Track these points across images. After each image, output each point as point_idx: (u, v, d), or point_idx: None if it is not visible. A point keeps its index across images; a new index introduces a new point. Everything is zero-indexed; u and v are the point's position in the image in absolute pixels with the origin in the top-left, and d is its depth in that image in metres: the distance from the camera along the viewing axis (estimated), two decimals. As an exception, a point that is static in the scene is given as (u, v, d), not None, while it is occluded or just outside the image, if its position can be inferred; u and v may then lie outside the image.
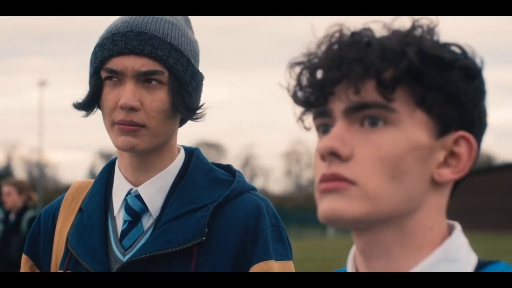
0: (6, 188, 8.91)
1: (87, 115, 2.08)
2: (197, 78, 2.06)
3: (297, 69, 1.25)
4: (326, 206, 1.20)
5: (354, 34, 1.23)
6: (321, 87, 1.21)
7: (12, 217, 8.84)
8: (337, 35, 1.23)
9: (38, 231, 2.18)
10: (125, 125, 1.97)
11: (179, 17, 2.10)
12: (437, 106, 1.21)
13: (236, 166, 2.16)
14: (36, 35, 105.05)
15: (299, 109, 1.26)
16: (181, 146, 2.14)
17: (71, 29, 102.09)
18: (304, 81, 1.23)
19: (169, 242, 1.98)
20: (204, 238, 1.98)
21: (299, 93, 1.24)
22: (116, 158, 2.16)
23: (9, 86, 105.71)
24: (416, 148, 1.20)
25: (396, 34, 1.22)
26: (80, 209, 2.12)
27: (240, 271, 1.98)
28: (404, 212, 1.21)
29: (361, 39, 1.22)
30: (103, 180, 2.14)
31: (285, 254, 2.03)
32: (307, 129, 1.26)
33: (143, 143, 1.99)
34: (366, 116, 1.20)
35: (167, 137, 2.04)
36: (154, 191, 2.05)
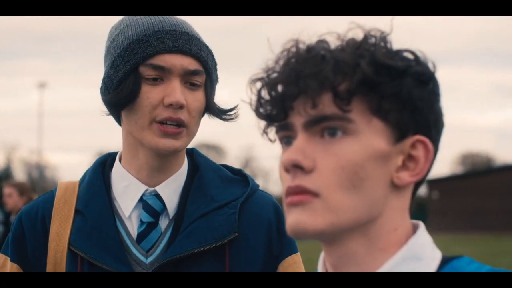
0: (7, 190, 8.92)
1: (108, 114, 2.06)
2: (217, 80, 2.10)
3: (258, 85, 1.30)
4: (292, 219, 1.25)
5: (309, 48, 1.27)
6: (281, 102, 1.26)
7: (13, 218, 8.85)
8: (293, 49, 1.28)
9: (23, 235, 2.07)
10: (169, 125, 1.97)
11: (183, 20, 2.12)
12: (392, 113, 1.26)
13: (236, 167, 2.19)
14: (36, 37, 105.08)
15: (263, 123, 1.31)
16: None
17: (71, 31, 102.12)
18: (265, 96, 1.29)
19: (205, 239, 2.00)
20: (236, 234, 2.01)
21: (261, 109, 1.29)
22: (105, 158, 2.12)
23: (8, 87, 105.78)
24: (375, 155, 1.25)
25: (350, 46, 1.26)
26: (78, 211, 2.06)
27: (268, 263, 2.04)
28: (368, 219, 1.26)
29: (316, 53, 1.26)
30: (100, 181, 2.08)
31: (295, 245, 2.12)
32: (272, 141, 1.32)
33: (183, 144, 2.01)
34: (325, 127, 1.25)
35: (193, 138, 2.07)
36: (172, 191, 2.06)
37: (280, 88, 1.26)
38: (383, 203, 1.26)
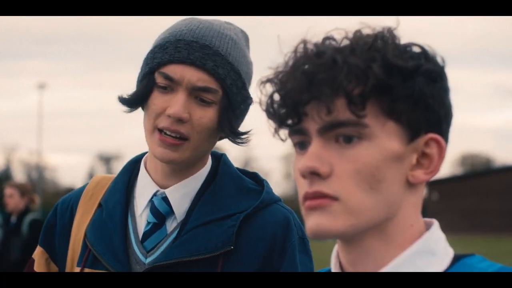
0: (8, 190, 8.92)
1: (130, 111, 2.07)
2: (247, 102, 2.06)
3: (268, 87, 1.30)
4: (312, 223, 1.26)
5: (319, 52, 1.27)
6: (294, 108, 1.27)
7: (13, 219, 8.84)
8: (302, 51, 1.29)
9: (54, 222, 2.16)
10: (168, 136, 1.96)
11: (240, 33, 2.09)
12: (405, 114, 1.27)
13: (262, 177, 2.15)
14: (35, 38, 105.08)
15: (274, 124, 1.31)
16: None
17: (71, 32, 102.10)
18: (276, 101, 1.29)
19: (197, 249, 1.98)
20: (232, 247, 1.98)
21: (273, 112, 1.30)
22: (140, 156, 2.15)
23: (8, 88, 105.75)
24: (390, 156, 1.26)
25: (360, 46, 1.26)
26: (100, 205, 2.11)
27: None
28: (386, 217, 1.28)
29: (327, 57, 1.26)
30: (126, 178, 2.12)
31: (310, 266, 2.05)
32: (283, 140, 1.32)
33: (182, 156, 1.99)
34: (340, 134, 1.26)
35: (205, 152, 2.06)
36: (181, 194, 2.05)
37: (292, 93, 1.26)
38: (399, 201, 1.28)
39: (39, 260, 2.15)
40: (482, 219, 52.40)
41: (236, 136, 2.05)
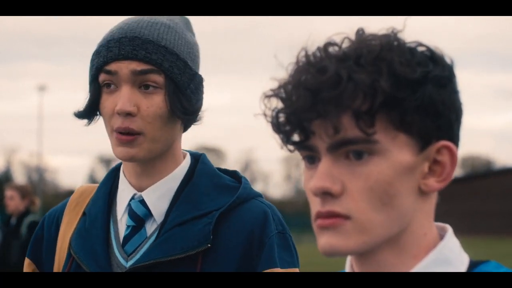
0: (9, 192, 8.91)
1: (89, 124, 2.07)
2: (195, 81, 2.03)
3: (273, 101, 1.26)
4: (324, 242, 1.24)
5: (323, 67, 1.22)
6: (300, 126, 1.23)
7: (13, 221, 8.84)
8: (304, 64, 1.24)
9: (41, 235, 2.16)
10: (121, 133, 1.96)
11: (177, 19, 2.07)
12: (416, 125, 1.23)
13: (240, 174, 2.14)
14: (36, 40, 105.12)
15: (280, 139, 1.28)
16: (187, 151, 2.11)
17: (72, 34, 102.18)
18: (282, 118, 1.25)
19: (174, 248, 1.96)
20: (209, 245, 1.96)
21: (279, 127, 1.26)
22: (121, 163, 2.14)
23: (9, 90, 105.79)
24: (402, 169, 1.23)
25: (365, 57, 1.22)
26: (84, 214, 2.11)
27: None
28: (399, 230, 1.25)
29: (331, 74, 1.21)
30: (108, 185, 2.12)
31: (291, 261, 2.01)
32: (291, 151, 1.28)
33: (141, 151, 1.97)
34: (350, 151, 1.23)
35: (168, 143, 2.02)
36: (158, 196, 2.04)
37: (297, 111, 1.23)
38: (412, 211, 1.25)
39: (26, 271, 2.16)
40: (482, 221, 52.38)
41: (189, 116, 2.01)
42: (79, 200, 2.15)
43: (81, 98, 2.04)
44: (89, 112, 2.04)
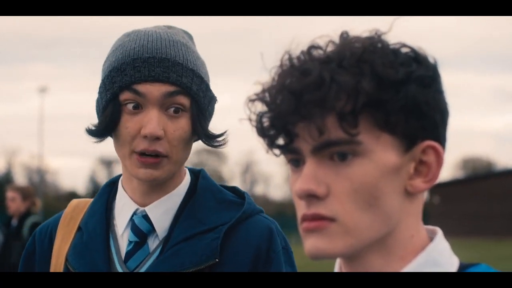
0: (10, 194, 8.91)
1: (100, 141, 2.05)
2: (212, 102, 2.05)
3: (257, 105, 1.26)
4: (310, 245, 1.24)
5: (306, 70, 1.22)
6: (284, 129, 1.24)
7: (14, 222, 8.84)
8: (287, 68, 1.25)
9: (33, 250, 2.14)
10: (147, 156, 1.95)
11: (184, 35, 2.07)
12: (400, 125, 1.23)
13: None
14: (37, 41, 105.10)
15: (265, 143, 1.28)
16: (185, 167, 2.11)
17: (72, 36, 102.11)
18: (266, 121, 1.26)
19: (181, 264, 1.96)
20: (217, 260, 1.97)
21: (264, 131, 1.26)
22: (116, 178, 2.14)
23: (10, 92, 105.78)
24: (387, 170, 1.23)
25: (347, 58, 1.22)
26: (79, 228, 2.09)
27: None
28: (386, 232, 1.25)
29: (314, 76, 1.21)
30: (103, 200, 2.11)
31: None
32: (277, 156, 1.29)
33: (164, 173, 1.98)
34: (334, 152, 1.23)
35: (184, 163, 2.04)
36: (162, 212, 2.03)
37: (281, 114, 1.23)
38: (398, 213, 1.25)
39: None
40: (483, 222, 52.36)
41: (211, 139, 2.04)
42: (72, 215, 2.13)
43: (82, 99, 2.03)
44: (106, 131, 2.01)
